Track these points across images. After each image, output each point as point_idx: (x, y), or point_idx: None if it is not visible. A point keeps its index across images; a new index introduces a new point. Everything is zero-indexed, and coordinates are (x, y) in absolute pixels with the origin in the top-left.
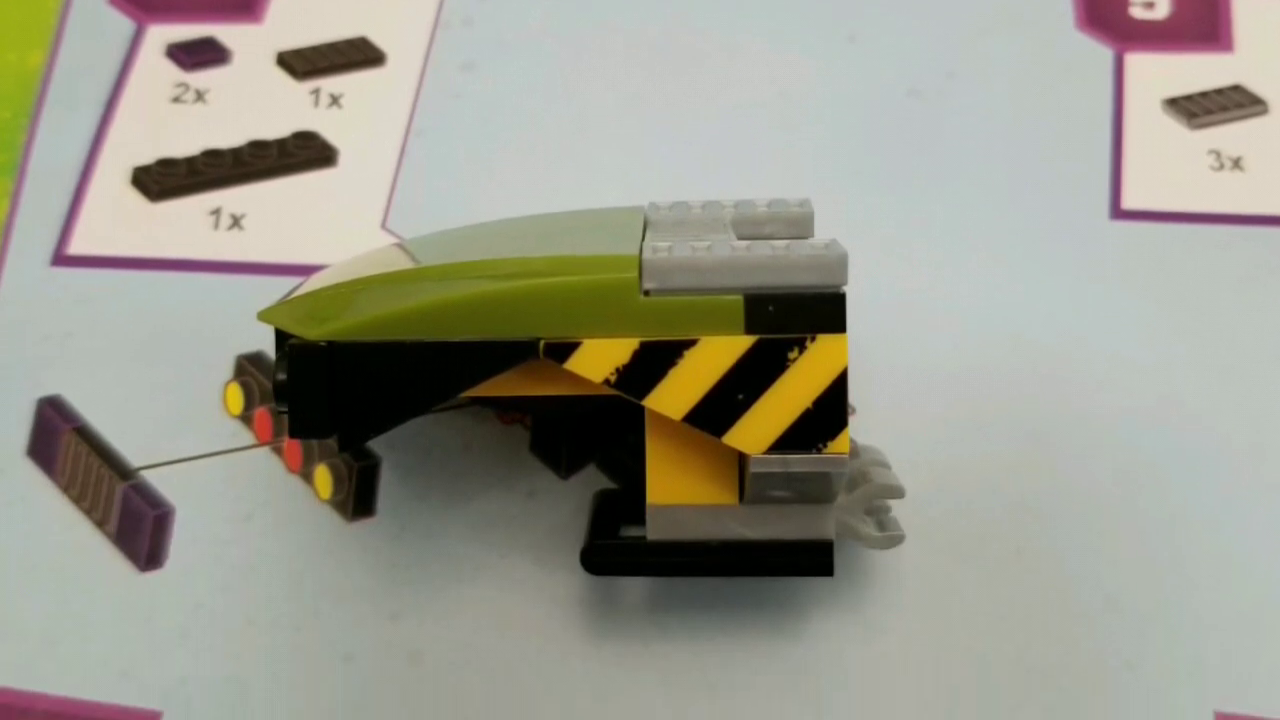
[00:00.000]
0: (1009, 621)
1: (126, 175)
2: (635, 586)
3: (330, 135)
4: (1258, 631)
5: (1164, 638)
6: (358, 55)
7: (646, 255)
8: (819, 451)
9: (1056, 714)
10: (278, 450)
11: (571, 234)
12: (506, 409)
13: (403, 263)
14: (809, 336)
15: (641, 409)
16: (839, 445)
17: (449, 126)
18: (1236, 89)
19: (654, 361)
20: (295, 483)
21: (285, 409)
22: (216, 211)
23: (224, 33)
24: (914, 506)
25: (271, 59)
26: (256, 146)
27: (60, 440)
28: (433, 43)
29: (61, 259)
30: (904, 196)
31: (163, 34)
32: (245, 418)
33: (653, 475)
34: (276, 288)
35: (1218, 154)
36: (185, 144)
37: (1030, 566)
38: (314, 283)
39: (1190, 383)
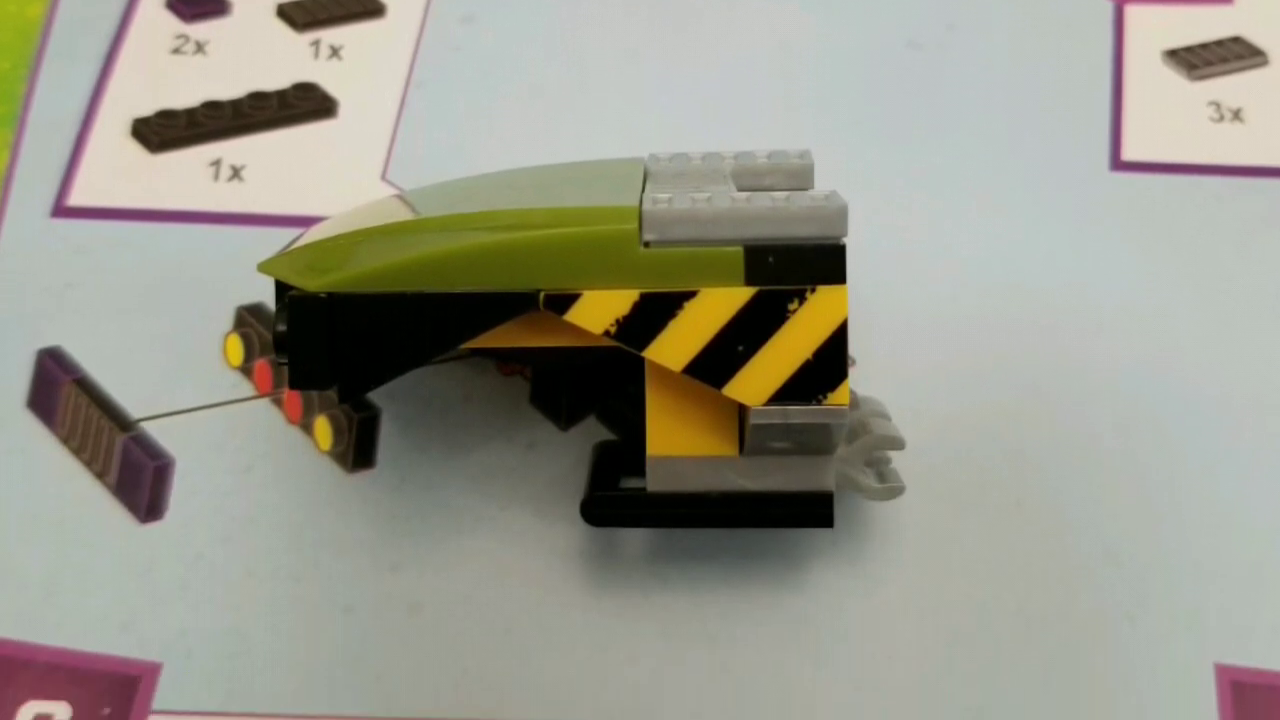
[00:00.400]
0: (1009, 572)
1: (126, 127)
2: (635, 538)
3: (330, 87)
4: (1258, 583)
5: (1164, 589)
6: (358, 7)
7: (647, 207)
8: (819, 403)
9: (1056, 665)
10: (278, 401)
11: (571, 185)
12: (506, 360)
13: (403, 214)
14: (809, 288)
15: (641, 360)
16: (839, 396)
17: (449, 78)
18: (1237, 40)
19: (654, 313)
20: (295, 434)
21: (285, 360)
22: (216, 163)
23: None
24: (914, 457)
25: (271, 10)
26: (256, 98)
27: (60, 392)
28: None
29: (61, 210)
30: (904, 148)
31: None
32: (245, 369)
33: (653, 427)
34: (276, 239)
35: (1218, 105)
36: (185, 95)
37: (1030, 517)
38: (314, 234)
39: (1190, 333)
